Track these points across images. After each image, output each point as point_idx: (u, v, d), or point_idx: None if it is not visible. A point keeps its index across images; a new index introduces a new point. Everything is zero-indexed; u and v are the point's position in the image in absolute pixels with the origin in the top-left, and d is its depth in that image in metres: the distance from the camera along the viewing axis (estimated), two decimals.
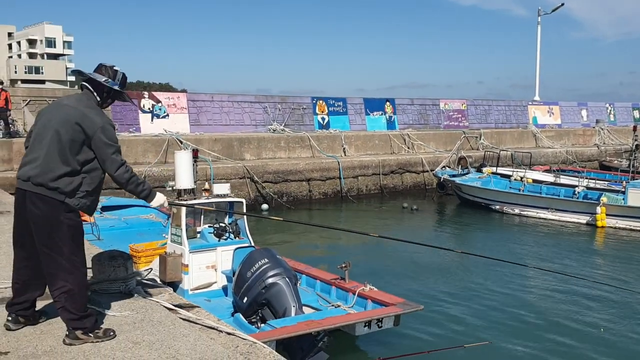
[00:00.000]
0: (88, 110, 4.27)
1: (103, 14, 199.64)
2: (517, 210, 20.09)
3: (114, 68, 4.49)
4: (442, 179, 22.73)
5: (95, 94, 4.39)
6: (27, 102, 21.00)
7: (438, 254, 15.16)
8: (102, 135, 4.20)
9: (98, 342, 4.32)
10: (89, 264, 5.77)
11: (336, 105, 28.03)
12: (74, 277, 4.26)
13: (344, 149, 25.41)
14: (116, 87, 4.45)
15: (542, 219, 19.19)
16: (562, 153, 31.71)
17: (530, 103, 36.86)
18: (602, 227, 17.75)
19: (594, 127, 37.40)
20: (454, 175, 22.61)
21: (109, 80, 4.42)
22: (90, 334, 4.33)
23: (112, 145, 4.26)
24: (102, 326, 4.50)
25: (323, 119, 27.38)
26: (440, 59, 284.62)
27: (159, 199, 4.62)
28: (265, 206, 20.80)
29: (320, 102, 27.60)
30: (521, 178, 21.44)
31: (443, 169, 23.77)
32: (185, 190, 9.23)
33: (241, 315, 7.95)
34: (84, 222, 12.69)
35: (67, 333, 4.31)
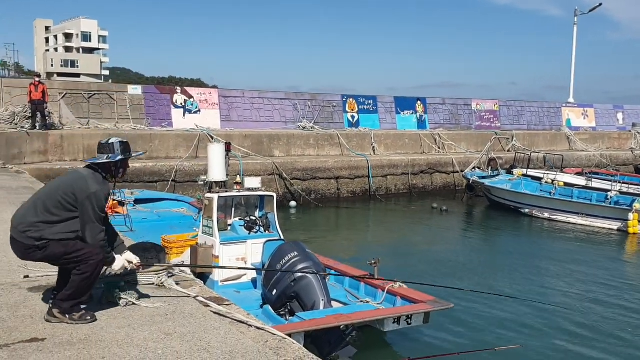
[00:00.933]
0: (90, 177, 4.64)
1: (137, 10, 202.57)
2: (546, 215, 19.73)
3: (109, 142, 4.83)
4: (471, 181, 22.46)
5: (100, 171, 4.75)
6: (63, 95, 21.41)
7: (468, 254, 15.05)
8: (93, 200, 4.52)
9: (72, 323, 4.55)
10: None
11: (366, 103, 27.95)
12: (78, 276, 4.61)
13: (374, 147, 25.34)
14: (119, 158, 4.80)
15: (572, 224, 18.81)
16: (596, 156, 31.09)
17: (564, 105, 36.21)
18: (634, 234, 17.32)
19: (629, 131, 36.54)
20: (483, 177, 22.31)
21: (110, 155, 4.78)
22: (65, 315, 4.59)
23: (97, 213, 4.55)
24: (82, 310, 4.68)
25: (353, 117, 27.33)
26: (474, 59, 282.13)
27: (119, 263, 4.90)
28: (293, 203, 20.86)
29: (351, 100, 27.55)
30: (552, 181, 21.05)
31: (473, 170, 23.48)
32: (216, 182, 9.35)
33: (270, 307, 8.00)
34: (117, 214, 13.19)
35: (47, 311, 4.66)
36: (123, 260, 4.91)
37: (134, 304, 5.01)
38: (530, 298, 10.88)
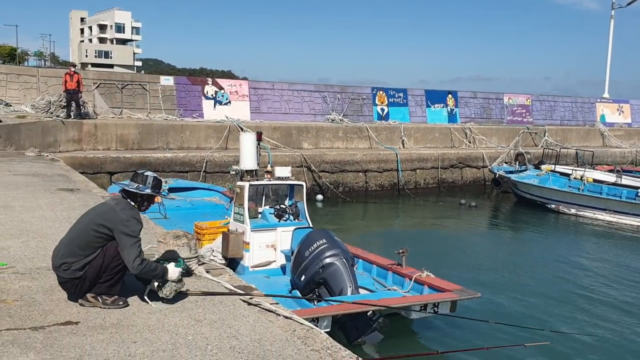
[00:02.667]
0: (116, 206, 4.74)
1: (170, 2, 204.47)
2: (573, 211, 19.33)
3: (145, 173, 4.92)
4: (497, 175, 22.04)
5: (129, 199, 4.83)
6: (97, 84, 21.80)
7: (494, 250, 14.89)
8: (124, 227, 4.61)
9: (105, 308, 4.65)
10: (154, 243, 5.99)
11: (396, 96, 27.78)
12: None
13: (403, 141, 25.18)
14: (147, 191, 4.85)
15: (600, 220, 18.40)
16: (632, 153, 30.38)
17: (598, 100, 35.45)
18: None
19: None
20: (510, 172, 21.92)
21: (140, 186, 4.84)
22: (99, 299, 4.70)
23: (132, 237, 4.61)
24: (115, 295, 4.75)
25: (382, 109, 27.20)
26: (507, 53, 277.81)
27: (174, 272, 4.88)
28: (319, 197, 20.82)
29: (381, 92, 27.42)
30: (581, 177, 20.60)
31: (499, 164, 23.07)
32: (248, 171, 9.54)
33: (298, 293, 8.17)
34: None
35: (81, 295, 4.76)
36: (175, 269, 4.91)
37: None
38: (559, 290, 10.75)
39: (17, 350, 3.82)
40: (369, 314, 7.47)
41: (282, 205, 9.83)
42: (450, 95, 29.30)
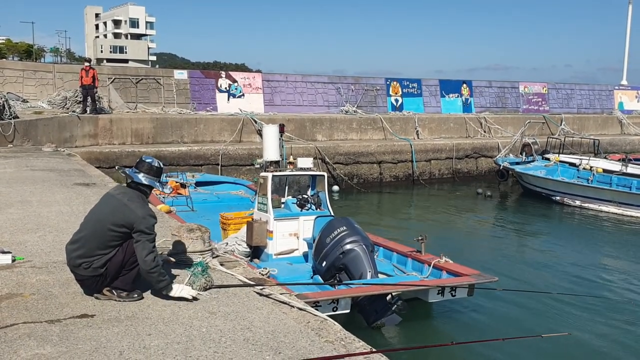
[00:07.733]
0: (130, 202, 4.70)
1: None
2: (578, 202, 18.65)
3: (158, 165, 4.94)
4: (501, 167, 21.31)
5: (139, 191, 4.83)
6: (112, 79, 21.92)
7: (518, 236, 14.78)
8: (143, 225, 4.61)
9: (120, 301, 4.69)
10: (169, 237, 6.02)
11: (410, 86, 27.60)
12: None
13: (417, 131, 25.04)
14: (157, 184, 4.92)
15: (605, 212, 17.70)
16: None
17: (616, 87, 34.92)
18: None
19: None
20: (517, 163, 21.27)
21: (156, 181, 4.89)
22: (114, 292, 4.74)
23: (148, 233, 4.64)
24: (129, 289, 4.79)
25: (396, 100, 27.04)
26: (527, 41, 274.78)
27: (176, 290, 4.80)
28: (335, 188, 20.80)
29: (394, 83, 27.26)
30: (590, 167, 19.98)
31: (505, 155, 22.54)
32: (271, 162, 9.81)
33: (320, 278, 8.36)
34: (179, 195, 14.28)
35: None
36: (181, 287, 4.80)
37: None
38: (579, 280, 10.65)
39: (34, 343, 3.86)
40: (387, 297, 7.60)
41: (304, 195, 10.07)
42: (464, 85, 29.06)
